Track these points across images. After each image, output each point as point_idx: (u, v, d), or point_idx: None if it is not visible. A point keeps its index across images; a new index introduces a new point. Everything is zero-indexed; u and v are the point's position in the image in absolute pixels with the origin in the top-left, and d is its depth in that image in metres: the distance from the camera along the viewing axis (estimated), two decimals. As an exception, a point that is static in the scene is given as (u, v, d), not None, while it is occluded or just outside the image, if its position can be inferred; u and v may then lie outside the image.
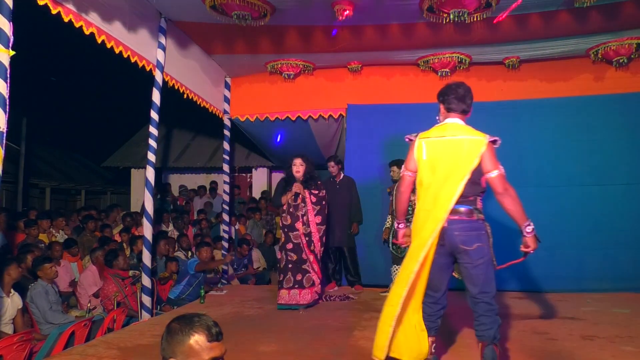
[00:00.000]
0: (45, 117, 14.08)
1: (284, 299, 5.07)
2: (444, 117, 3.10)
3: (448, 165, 2.92)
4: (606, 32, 5.66)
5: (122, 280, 5.27)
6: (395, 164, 5.69)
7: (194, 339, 1.58)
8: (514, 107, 6.52)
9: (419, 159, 3.03)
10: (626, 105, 6.31)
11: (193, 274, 5.73)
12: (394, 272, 5.78)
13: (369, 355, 3.56)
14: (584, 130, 6.35)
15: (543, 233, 6.17)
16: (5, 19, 3.00)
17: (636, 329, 4.20)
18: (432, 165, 2.97)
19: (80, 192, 14.10)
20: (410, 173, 3.10)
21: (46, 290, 4.52)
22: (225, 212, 7.36)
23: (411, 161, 3.08)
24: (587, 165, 6.29)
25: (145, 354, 3.58)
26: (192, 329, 1.60)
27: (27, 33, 6.28)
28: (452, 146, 2.96)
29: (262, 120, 7.28)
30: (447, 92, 3.07)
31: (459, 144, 2.95)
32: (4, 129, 2.98)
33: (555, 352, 3.62)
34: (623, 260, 6.02)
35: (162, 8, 5.01)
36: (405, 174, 3.14)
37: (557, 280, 6.04)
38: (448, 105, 3.06)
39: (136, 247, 6.14)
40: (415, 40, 5.84)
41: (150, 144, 5.02)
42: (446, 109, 3.08)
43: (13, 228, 6.28)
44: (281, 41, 5.91)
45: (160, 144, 9.58)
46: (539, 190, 6.29)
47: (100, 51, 4.42)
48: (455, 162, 2.91)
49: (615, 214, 6.14)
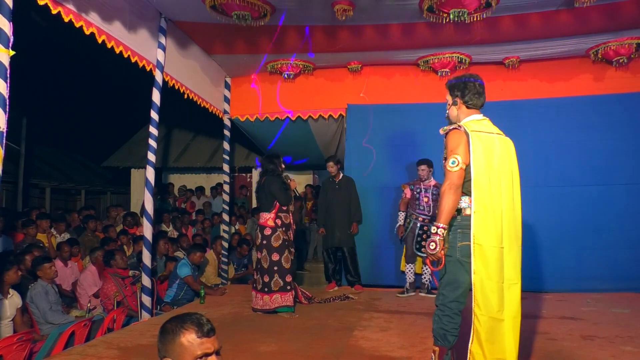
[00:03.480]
0: (45, 117, 14.08)
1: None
2: (464, 113, 2.90)
3: (510, 164, 2.80)
4: (606, 32, 5.66)
5: (122, 280, 5.28)
6: (425, 162, 5.70)
7: (185, 336, 1.62)
8: (514, 107, 6.52)
9: (475, 152, 2.69)
10: (626, 105, 6.31)
11: (182, 278, 5.76)
12: (409, 271, 5.78)
13: (369, 355, 3.58)
14: (584, 130, 6.36)
15: (543, 233, 6.27)
16: (5, 19, 2.99)
17: (636, 329, 4.20)
18: (489, 161, 2.71)
19: (80, 192, 14.10)
20: (464, 167, 2.70)
21: (46, 291, 4.51)
22: (225, 212, 7.36)
23: (467, 154, 2.69)
24: (587, 165, 6.30)
25: (145, 354, 3.58)
26: (183, 327, 1.63)
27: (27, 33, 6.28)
28: (504, 144, 2.82)
29: (262, 120, 7.28)
30: (465, 85, 2.91)
31: (508, 143, 2.85)
32: (4, 129, 2.97)
33: (555, 352, 3.62)
34: (623, 260, 6.02)
35: (162, 8, 5.01)
36: (462, 168, 2.68)
37: (557, 280, 6.06)
38: (471, 100, 2.89)
39: (136, 247, 6.15)
40: (415, 40, 5.84)
41: (150, 144, 5.02)
42: (467, 104, 2.90)
43: (13, 228, 6.29)
44: (281, 41, 5.91)
45: (160, 144, 9.60)
46: (539, 190, 6.30)
47: (100, 51, 4.43)
48: (512, 161, 2.82)
49: (615, 214, 6.15)
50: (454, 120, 2.93)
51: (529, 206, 6.24)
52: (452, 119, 2.96)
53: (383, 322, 4.56)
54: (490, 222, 2.64)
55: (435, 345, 2.78)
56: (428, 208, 5.70)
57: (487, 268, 2.62)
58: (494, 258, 2.63)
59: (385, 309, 5.18)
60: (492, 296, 2.62)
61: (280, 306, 4.90)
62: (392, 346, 3.78)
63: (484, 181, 2.67)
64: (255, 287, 5.02)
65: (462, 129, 2.75)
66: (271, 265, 4.91)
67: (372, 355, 3.60)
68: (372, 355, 3.59)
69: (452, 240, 2.75)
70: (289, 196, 5.06)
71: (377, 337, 4.08)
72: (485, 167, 2.69)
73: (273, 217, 4.98)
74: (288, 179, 5.15)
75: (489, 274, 2.62)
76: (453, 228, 2.76)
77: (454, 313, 2.74)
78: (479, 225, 2.64)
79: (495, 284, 2.63)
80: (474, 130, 2.75)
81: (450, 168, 2.67)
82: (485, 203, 2.65)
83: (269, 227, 4.97)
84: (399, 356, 3.53)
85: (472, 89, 2.90)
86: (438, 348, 2.76)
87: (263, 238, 4.98)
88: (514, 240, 2.72)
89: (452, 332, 2.74)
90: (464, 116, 2.90)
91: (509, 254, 2.67)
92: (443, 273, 2.78)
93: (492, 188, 2.68)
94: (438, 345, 2.77)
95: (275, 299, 4.90)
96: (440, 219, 2.66)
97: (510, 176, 2.78)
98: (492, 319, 2.62)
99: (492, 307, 2.62)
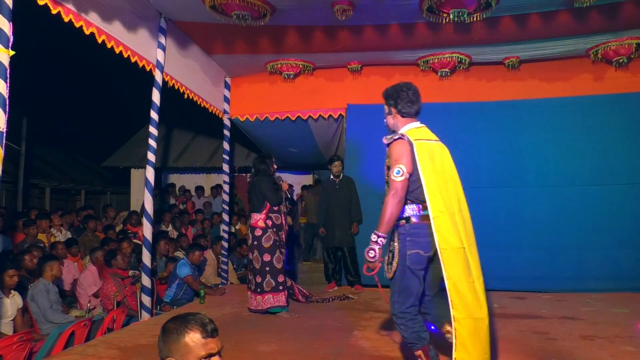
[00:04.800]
0: (45, 117, 14.10)
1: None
2: (401, 122, 2.93)
3: (450, 168, 2.86)
4: (606, 32, 5.66)
5: (121, 280, 5.28)
6: None
7: (189, 336, 1.60)
8: (514, 107, 6.53)
9: (422, 160, 2.73)
10: (626, 105, 6.31)
11: (182, 278, 5.76)
12: None
13: (369, 355, 3.58)
14: (584, 130, 6.36)
15: (543, 233, 6.26)
16: (5, 19, 2.99)
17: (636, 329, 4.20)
18: (435, 167, 2.77)
19: (80, 192, 14.10)
20: (408, 176, 2.73)
21: (47, 289, 4.52)
22: (226, 212, 7.36)
23: (410, 164, 2.73)
24: (587, 165, 6.30)
25: (145, 354, 3.58)
26: (187, 327, 1.62)
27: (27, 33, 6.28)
28: (443, 150, 2.89)
29: (262, 120, 7.27)
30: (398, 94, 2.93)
31: (445, 148, 2.91)
32: (4, 129, 2.97)
33: (555, 352, 3.62)
34: (623, 260, 6.02)
35: (162, 8, 5.01)
36: (406, 177, 2.71)
37: (557, 280, 6.05)
38: (404, 109, 2.92)
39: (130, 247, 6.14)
40: (415, 40, 5.84)
41: (150, 144, 5.02)
42: (401, 113, 2.93)
43: (13, 228, 6.29)
44: (281, 41, 5.91)
45: (160, 144, 9.59)
46: (539, 190, 6.31)
47: (100, 51, 4.42)
48: (452, 165, 2.88)
49: (615, 214, 6.14)
50: (393, 129, 2.98)
51: (529, 206, 6.34)
52: (391, 127, 3.00)
53: (383, 322, 4.56)
54: (450, 225, 2.68)
55: (416, 350, 2.78)
56: None
57: (457, 270, 2.64)
58: (461, 259, 2.66)
59: (385, 309, 5.16)
60: (468, 296, 2.64)
61: (272, 306, 4.88)
62: (392, 346, 3.78)
63: (434, 187, 2.72)
64: (250, 287, 5.03)
65: (405, 138, 2.79)
66: (262, 265, 4.89)
67: (372, 355, 3.60)
68: (372, 355, 3.59)
69: (402, 249, 2.77)
70: (279, 197, 5.03)
71: (377, 337, 4.08)
72: (433, 174, 2.74)
73: (263, 218, 4.95)
74: (280, 180, 5.14)
75: (460, 276, 2.64)
76: (402, 237, 2.79)
77: (414, 316, 2.79)
78: (442, 230, 2.66)
79: (467, 285, 2.65)
80: (417, 139, 2.80)
81: (395, 178, 2.70)
82: (442, 208, 2.69)
83: (259, 228, 4.94)
84: (399, 356, 3.53)
85: (404, 98, 2.92)
86: (420, 351, 2.77)
87: (254, 239, 4.96)
88: (471, 239, 2.77)
89: (423, 330, 2.78)
90: (401, 125, 2.94)
91: (470, 253, 2.70)
92: (394, 282, 2.81)
93: (443, 192, 2.73)
94: (418, 348, 2.77)
95: (268, 299, 4.88)
96: (380, 228, 2.70)
97: (453, 179, 2.84)
98: (474, 319, 2.63)
99: (471, 307, 2.64)
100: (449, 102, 6.65)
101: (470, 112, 6.57)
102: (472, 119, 6.54)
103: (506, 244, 6.17)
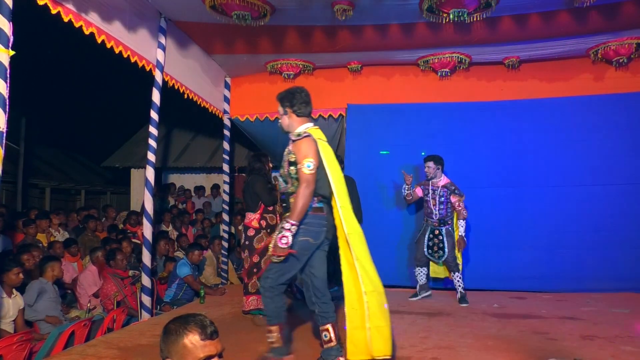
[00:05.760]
0: (45, 117, 14.09)
1: None
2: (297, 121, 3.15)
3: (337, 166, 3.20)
4: (606, 32, 5.66)
5: (121, 280, 5.28)
6: (432, 159, 5.56)
7: (188, 338, 1.60)
8: (514, 107, 6.53)
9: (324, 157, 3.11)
10: (626, 105, 6.31)
11: (182, 277, 5.76)
12: (419, 274, 5.74)
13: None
14: (584, 130, 6.36)
15: (543, 233, 6.26)
16: (5, 19, 2.99)
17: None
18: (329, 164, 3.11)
19: (80, 192, 14.10)
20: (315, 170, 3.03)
21: (42, 289, 4.50)
22: (226, 212, 7.36)
23: (317, 159, 3.04)
24: (588, 165, 6.30)
25: (145, 354, 3.58)
26: (186, 329, 1.62)
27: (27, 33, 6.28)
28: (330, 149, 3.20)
29: (262, 120, 7.27)
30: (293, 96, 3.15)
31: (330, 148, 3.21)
32: (4, 129, 2.97)
33: (555, 352, 3.61)
34: (623, 260, 6.01)
35: (162, 8, 5.01)
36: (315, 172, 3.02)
37: (557, 280, 6.05)
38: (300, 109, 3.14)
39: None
40: (415, 40, 5.84)
41: (150, 144, 5.02)
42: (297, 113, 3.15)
43: (13, 228, 6.28)
44: (281, 41, 5.91)
45: (160, 144, 9.59)
46: (539, 190, 6.31)
47: (100, 51, 4.41)
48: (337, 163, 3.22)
49: (615, 214, 6.14)
50: (288, 129, 3.20)
51: (530, 206, 6.34)
52: (286, 128, 3.22)
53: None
54: (351, 214, 3.14)
55: (272, 324, 3.14)
56: (436, 211, 5.57)
57: (362, 251, 3.06)
58: (363, 241, 3.11)
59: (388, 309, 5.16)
60: (371, 271, 3.04)
61: (255, 308, 4.68)
62: (392, 346, 3.77)
63: (338, 182, 3.14)
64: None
65: (312, 136, 3.07)
66: (251, 267, 4.76)
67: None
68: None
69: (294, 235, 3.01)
70: (274, 197, 4.89)
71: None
72: (330, 169, 3.11)
73: (258, 218, 4.81)
74: (275, 180, 5.08)
75: (365, 255, 3.06)
76: None
77: (280, 292, 3.17)
78: (347, 219, 3.10)
79: (369, 262, 3.07)
80: (318, 138, 3.12)
81: (307, 171, 2.97)
82: (344, 198, 3.13)
83: (252, 228, 4.79)
84: (399, 356, 3.53)
85: (299, 98, 3.15)
86: (276, 326, 3.14)
87: (246, 238, 4.83)
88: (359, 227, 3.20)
89: (283, 308, 3.21)
90: (297, 124, 3.16)
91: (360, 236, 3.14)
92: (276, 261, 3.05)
93: (338, 186, 3.13)
94: (275, 323, 3.14)
95: (252, 301, 4.73)
96: (293, 217, 2.95)
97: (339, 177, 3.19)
98: (379, 293, 3.02)
99: (375, 281, 3.03)
100: (449, 102, 6.65)
101: (470, 112, 6.57)
102: (472, 119, 6.54)
103: (506, 244, 6.18)
